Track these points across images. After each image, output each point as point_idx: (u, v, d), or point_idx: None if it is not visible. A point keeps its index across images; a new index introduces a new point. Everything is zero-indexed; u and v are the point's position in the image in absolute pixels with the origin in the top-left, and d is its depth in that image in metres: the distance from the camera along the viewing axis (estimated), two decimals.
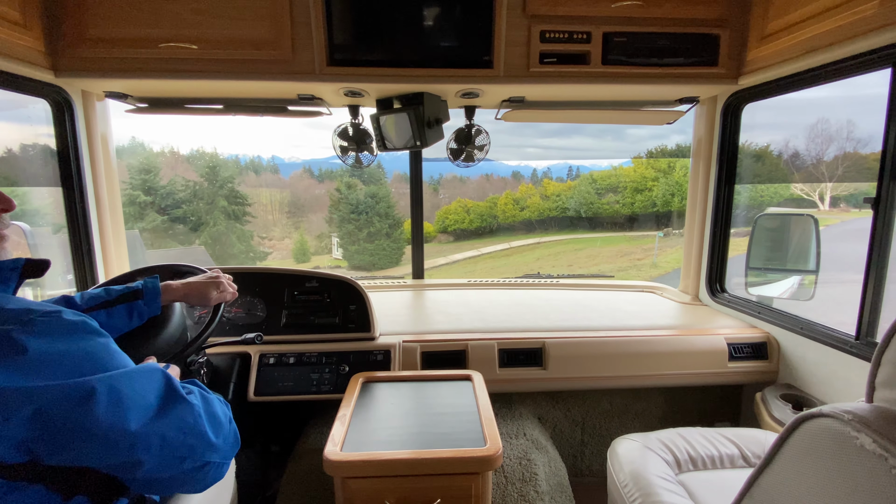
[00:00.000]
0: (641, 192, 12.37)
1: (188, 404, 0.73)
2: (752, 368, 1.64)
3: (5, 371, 0.57)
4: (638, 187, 12.42)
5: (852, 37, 1.21)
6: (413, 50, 1.54)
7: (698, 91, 1.78)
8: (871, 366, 0.68)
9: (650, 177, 12.39)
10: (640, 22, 1.56)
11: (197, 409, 0.73)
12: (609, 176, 12.86)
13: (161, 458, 0.67)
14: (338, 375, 1.48)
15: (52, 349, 0.61)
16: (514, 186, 12.82)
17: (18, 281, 0.77)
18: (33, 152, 1.76)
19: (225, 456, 0.78)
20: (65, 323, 0.65)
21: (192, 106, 1.84)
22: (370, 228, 11.38)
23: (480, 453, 1.00)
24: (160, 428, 0.67)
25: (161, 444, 0.67)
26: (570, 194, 12.68)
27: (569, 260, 11.93)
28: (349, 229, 11.48)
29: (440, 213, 12.48)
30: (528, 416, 1.75)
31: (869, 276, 1.28)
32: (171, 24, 1.47)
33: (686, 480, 1.21)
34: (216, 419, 0.77)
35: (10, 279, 0.75)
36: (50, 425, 0.59)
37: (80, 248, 1.73)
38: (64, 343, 0.63)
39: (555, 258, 12.03)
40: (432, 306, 1.98)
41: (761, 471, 0.77)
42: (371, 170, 12.17)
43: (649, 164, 12.62)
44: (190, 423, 0.71)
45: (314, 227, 12.11)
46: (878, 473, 0.56)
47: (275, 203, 11.93)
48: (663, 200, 12.10)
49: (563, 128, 16.56)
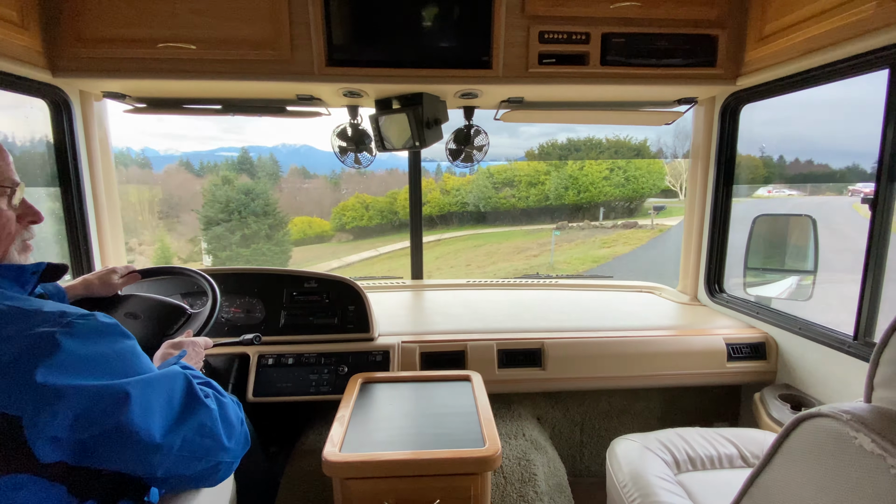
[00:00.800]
0: (535, 186, 12.36)
1: (206, 408, 0.75)
2: (750, 369, 1.65)
3: (51, 370, 0.60)
4: (532, 181, 12.41)
5: (850, 38, 1.21)
6: (412, 50, 1.53)
7: (696, 92, 1.78)
8: (869, 366, 0.68)
9: (542, 170, 12.41)
10: (638, 23, 1.56)
11: (214, 414, 0.76)
12: (505, 170, 12.72)
13: (179, 459, 0.70)
14: (336, 376, 1.48)
15: (89, 351, 0.64)
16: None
17: (36, 283, 0.80)
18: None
19: (235, 456, 0.81)
20: (100, 325, 0.68)
21: (190, 106, 1.83)
22: (245, 230, 9.57)
23: (479, 454, 1.00)
24: (182, 432, 0.71)
25: (181, 447, 0.70)
26: (469, 188, 12.49)
27: (467, 258, 11.40)
28: (218, 232, 9.53)
29: (336, 209, 11.49)
30: (527, 417, 1.75)
31: (867, 277, 1.28)
32: (169, 25, 1.47)
33: (685, 481, 1.21)
34: (229, 422, 0.80)
35: (30, 282, 0.78)
36: (90, 426, 0.62)
37: (78, 247, 1.72)
38: (99, 345, 0.66)
39: (454, 256, 11.52)
40: (431, 307, 1.98)
41: (760, 471, 0.77)
42: (263, 162, 11.16)
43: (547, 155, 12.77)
44: (208, 426, 0.74)
45: (189, 229, 10.34)
46: (877, 473, 0.56)
47: (144, 202, 10.03)
48: (556, 194, 12.10)
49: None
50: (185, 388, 0.74)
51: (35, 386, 0.59)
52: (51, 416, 0.59)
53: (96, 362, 0.65)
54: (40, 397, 0.59)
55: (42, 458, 0.60)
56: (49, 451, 0.60)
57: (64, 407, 0.60)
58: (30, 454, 0.60)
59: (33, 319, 0.64)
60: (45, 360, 0.60)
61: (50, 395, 0.60)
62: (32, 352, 0.61)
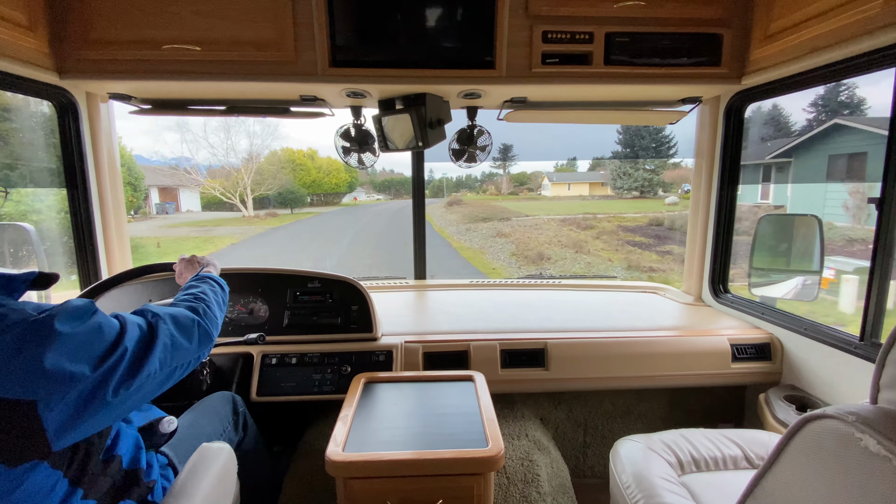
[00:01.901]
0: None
1: (163, 330, 0.85)
2: (755, 369, 1.64)
3: (54, 353, 0.66)
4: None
5: (856, 36, 1.20)
6: (415, 51, 1.54)
7: (701, 91, 1.77)
8: (875, 367, 0.68)
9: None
10: (642, 22, 1.55)
11: (169, 331, 0.86)
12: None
13: (162, 376, 0.82)
14: (340, 376, 1.48)
15: (80, 328, 0.70)
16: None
17: (25, 291, 0.81)
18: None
19: (200, 350, 0.95)
20: (81, 306, 0.74)
21: (195, 107, 1.84)
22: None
23: (483, 454, 1.00)
24: (157, 356, 0.81)
25: (160, 367, 0.81)
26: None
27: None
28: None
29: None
30: (530, 417, 1.74)
31: (873, 277, 1.27)
32: (174, 26, 1.48)
33: (689, 482, 1.21)
34: (185, 328, 0.91)
35: (20, 290, 0.80)
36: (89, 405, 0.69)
37: (84, 248, 1.74)
38: (82, 324, 0.72)
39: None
40: (434, 307, 1.98)
41: (764, 472, 0.76)
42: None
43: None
44: (168, 344, 0.85)
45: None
46: (883, 474, 0.56)
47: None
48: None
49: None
50: (142, 334, 0.82)
51: (44, 371, 0.64)
52: (60, 397, 0.65)
53: (84, 341, 0.70)
54: (52, 380, 0.64)
55: (54, 445, 0.66)
56: (59, 430, 0.66)
57: (72, 388, 0.66)
58: (44, 440, 0.65)
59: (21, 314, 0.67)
60: (49, 346, 0.65)
61: (60, 377, 0.65)
62: (34, 339, 0.65)
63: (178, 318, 0.91)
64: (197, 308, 1.00)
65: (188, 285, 1.13)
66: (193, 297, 1.05)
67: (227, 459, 1.07)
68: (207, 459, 1.01)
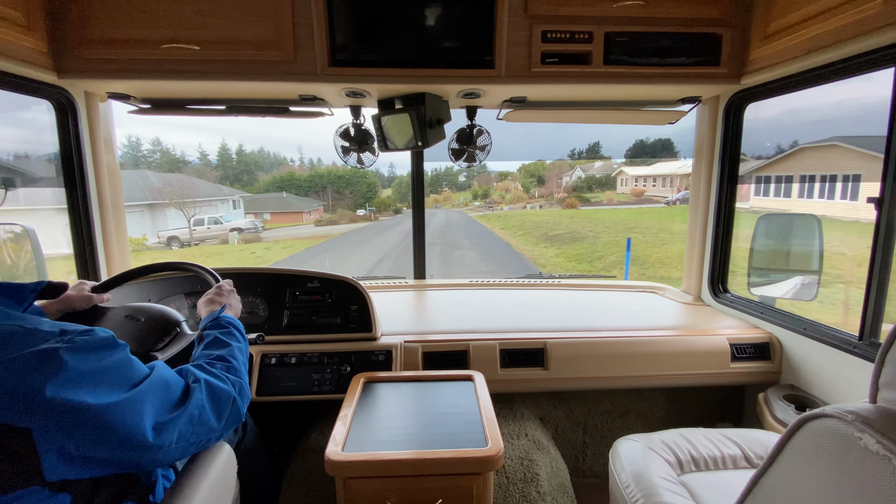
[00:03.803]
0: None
1: (195, 400, 0.80)
2: (754, 369, 1.64)
3: (58, 385, 0.62)
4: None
5: (855, 36, 1.20)
6: (414, 50, 1.54)
7: (700, 91, 1.77)
8: (874, 366, 0.68)
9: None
10: (641, 21, 1.55)
11: (202, 403, 0.81)
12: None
13: (176, 451, 0.77)
14: (339, 376, 1.48)
15: (91, 365, 0.67)
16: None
17: (33, 301, 0.81)
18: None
19: (224, 430, 0.88)
20: (99, 340, 0.70)
21: (193, 107, 1.84)
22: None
23: (482, 454, 1.00)
24: (177, 426, 0.76)
25: (177, 440, 0.76)
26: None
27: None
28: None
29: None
30: (529, 417, 1.74)
31: (872, 277, 1.27)
32: (173, 26, 1.48)
33: (688, 481, 1.21)
34: (219, 403, 0.85)
35: (28, 300, 0.80)
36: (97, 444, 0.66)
37: (83, 248, 1.73)
38: (100, 358, 0.69)
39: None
40: (434, 306, 1.98)
41: (764, 471, 0.76)
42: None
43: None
44: (196, 415, 0.79)
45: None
46: (882, 474, 0.56)
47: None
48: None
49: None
50: (174, 386, 0.79)
51: (44, 401, 0.61)
52: (58, 429, 0.62)
53: (99, 377, 0.67)
54: (50, 411, 0.61)
55: (48, 475, 0.62)
56: (56, 463, 0.62)
57: (74, 423, 0.63)
58: (38, 468, 0.61)
59: (35, 337, 0.65)
60: (53, 376, 0.62)
61: (59, 409, 0.62)
62: (39, 368, 0.62)
63: (216, 389, 0.85)
64: (234, 382, 0.92)
65: (214, 337, 1.01)
66: (225, 361, 0.95)
67: (227, 459, 1.07)
68: (207, 459, 1.01)
